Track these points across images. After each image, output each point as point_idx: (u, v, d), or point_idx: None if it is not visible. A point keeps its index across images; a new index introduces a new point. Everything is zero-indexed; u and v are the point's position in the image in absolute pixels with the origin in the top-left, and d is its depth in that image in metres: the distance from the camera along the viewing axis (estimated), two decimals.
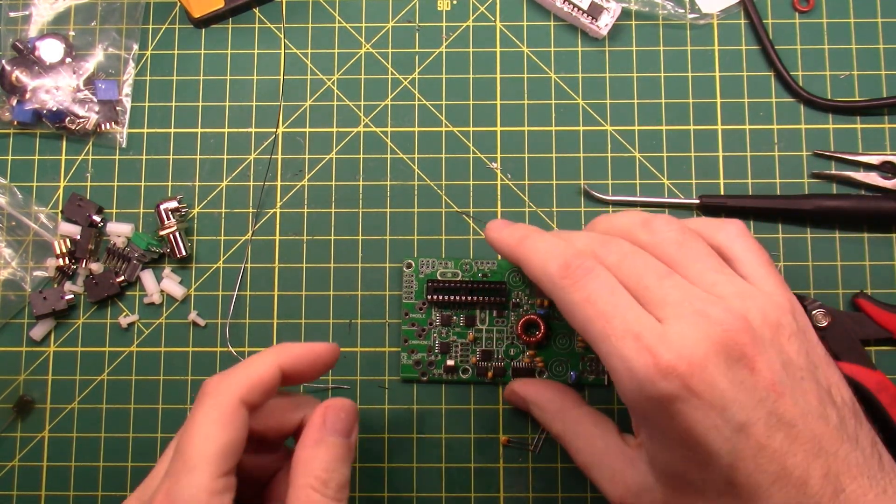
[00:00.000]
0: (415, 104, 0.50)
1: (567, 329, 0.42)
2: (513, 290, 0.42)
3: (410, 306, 0.43)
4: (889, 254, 0.48)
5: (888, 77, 0.49)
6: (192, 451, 0.31)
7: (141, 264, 0.48)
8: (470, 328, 0.42)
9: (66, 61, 0.49)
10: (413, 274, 0.43)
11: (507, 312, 0.42)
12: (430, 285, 0.42)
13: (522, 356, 0.42)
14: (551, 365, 0.42)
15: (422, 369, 0.42)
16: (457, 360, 0.42)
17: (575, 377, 0.42)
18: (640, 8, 0.50)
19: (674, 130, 0.49)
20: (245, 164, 0.49)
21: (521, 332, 0.41)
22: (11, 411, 0.47)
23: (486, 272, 0.43)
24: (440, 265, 0.43)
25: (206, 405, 0.32)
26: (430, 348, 0.42)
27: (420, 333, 0.42)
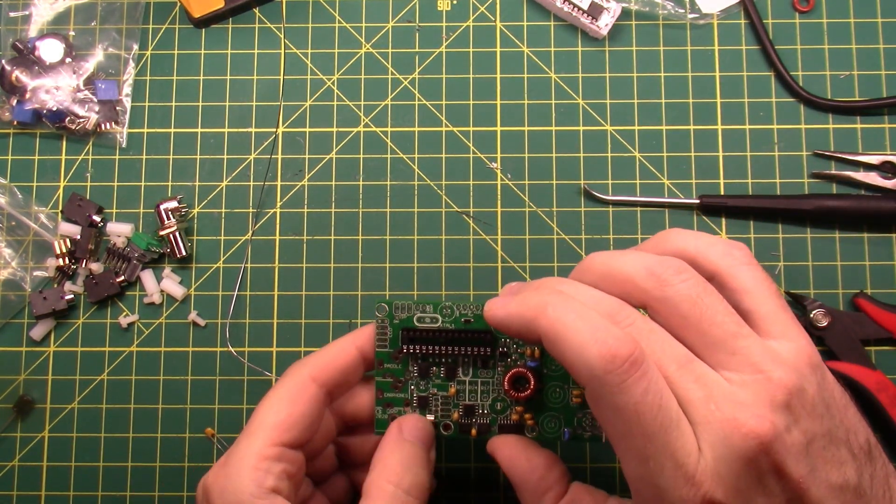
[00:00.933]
0: (415, 104, 0.50)
1: (561, 380, 0.36)
2: (500, 339, 0.36)
3: (385, 356, 0.37)
4: (889, 254, 0.48)
5: (888, 77, 0.49)
6: (254, 421, 0.34)
7: (141, 264, 0.48)
8: (451, 381, 0.37)
9: (66, 61, 0.49)
10: (387, 319, 0.37)
11: (492, 363, 0.37)
12: (405, 334, 0.37)
13: (510, 412, 0.37)
14: (542, 421, 0.36)
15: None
16: (437, 415, 0.37)
17: (569, 435, 0.36)
18: (640, 8, 0.50)
19: (674, 130, 0.49)
20: (245, 164, 0.49)
21: (509, 387, 0.36)
22: (11, 411, 0.47)
23: (469, 317, 0.36)
24: (417, 309, 0.37)
25: (280, 383, 0.36)
26: (407, 402, 0.37)
27: (396, 385, 0.37)
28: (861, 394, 0.45)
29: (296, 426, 0.34)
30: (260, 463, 0.33)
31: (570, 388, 0.36)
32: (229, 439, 0.47)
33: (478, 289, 0.48)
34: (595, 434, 0.36)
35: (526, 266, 0.48)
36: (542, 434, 0.36)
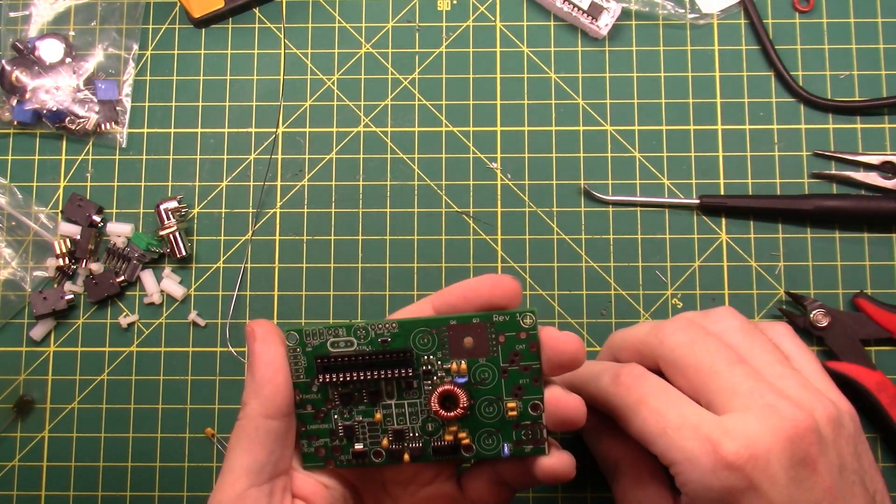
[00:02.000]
0: (415, 104, 0.50)
1: (493, 393, 0.34)
2: (421, 356, 0.33)
3: (303, 386, 0.34)
4: (889, 254, 0.48)
5: (888, 77, 0.49)
6: (226, 462, 0.33)
7: (141, 264, 0.48)
8: (375, 406, 0.34)
9: (66, 61, 0.49)
10: (298, 348, 0.34)
11: (417, 383, 0.34)
12: (319, 363, 0.33)
13: (443, 432, 0.34)
14: (479, 439, 0.34)
15: (327, 457, 0.34)
16: (366, 443, 0.34)
17: (509, 451, 0.34)
18: (640, 8, 0.50)
19: (674, 130, 0.49)
20: (245, 164, 0.49)
21: (438, 407, 0.33)
22: (11, 411, 0.47)
23: (385, 337, 0.33)
24: (330, 334, 0.33)
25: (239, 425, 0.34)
26: (332, 432, 0.34)
27: (318, 416, 0.34)
28: (861, 394, 0.45)
29: (266, 467, 0.32)
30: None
31: (505, 400, 0.33)
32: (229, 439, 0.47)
33: None
34: (538, 447, 0.33)
35: (526, 266, 0.48)
36: (480, 452, 0.34)
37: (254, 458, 0.32)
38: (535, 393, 0.33)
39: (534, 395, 0.33)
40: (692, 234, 0.48)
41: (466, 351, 0.33)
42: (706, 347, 0.33)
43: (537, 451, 0.33)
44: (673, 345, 0.34)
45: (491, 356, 0.33)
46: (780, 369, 0.33)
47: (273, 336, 0.33)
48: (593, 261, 0.48)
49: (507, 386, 0.33)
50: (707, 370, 0.32)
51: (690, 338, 0.34)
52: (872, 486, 0.33)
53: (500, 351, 0.33)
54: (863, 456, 0.33)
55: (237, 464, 0.32)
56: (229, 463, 0.32)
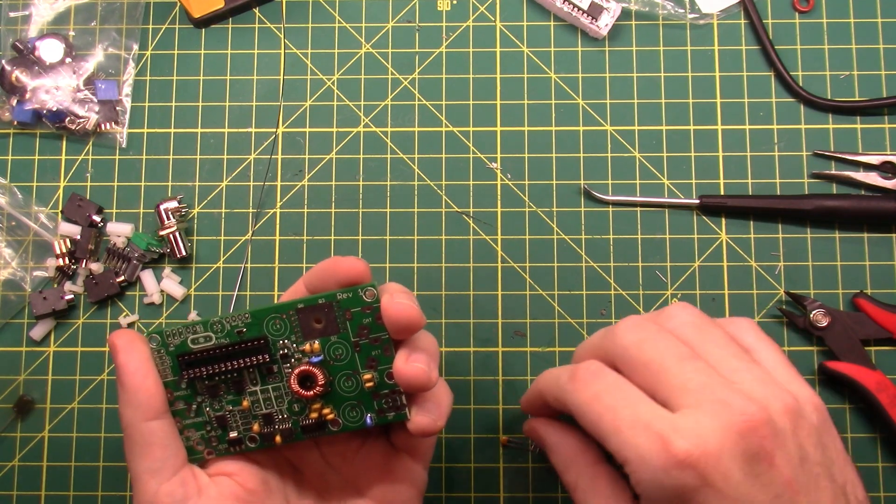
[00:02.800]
0: (415, 104, 0.50)
1: (349, 368, 0.35)
2: (276, 341, 0.35)
3: (172, 385, 0.36)
4: (889, 254, 0.48)
5: (888, 77, 0.49)
6: (130, 470, 0.35)
7: (141, 264, 0.48)
8: (241, 394, 0.36)
9: (66, 61, 0.49)
10: (162, 349, 0.35)
11: (277, 367, 0.35)
12: (182, 360, 0.35)
13: (308, 411, 0.35)
14: (343, 412, 0.35)
15: (206, 448, 0.36)
16: (239, 431, 0.36)
17: (372, 420, 0.35)
18: (640, 8, 0.50)
19: (674, 130, 0.49)
20: (245, 164, 0.49)
21: (298, 387, 0.35)
22: (11, 411, 0.47)
23: (240, 327, 0.35)
24: (189, 332, 0.35)
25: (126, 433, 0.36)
26: (206, 424, 0.36)
27: (190, 411, 0.36)
28: (861, 394, 0.45)
29: (165, 463, 0.34)
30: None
31: (361, 373, 0.35)
32: None
33: (478, 289, 0.48)
34: (399, 413, 0.35)
35: (526, 266, 0.48)
36: (346, 425, 0.35)
37: (150, 460, 0.34)
38: (388, 362, 0.34)
39: (387, 364, 0.35)
40: (692, 234, 0.48)
41: (318, 331, 0.35)
42: (656, 345, 0.33)
43: (399, 416, 0.35)
44: (625, 344, 0.33)
45: (341, 333, 0.35)
46: (736, 363, 0.32)
47: (134, 344, 0.35)
48: (593, 261, 0.48)
49: (361, 359, 0.35)
50: (657, 367, 0.32)
51: (641, 336, 0.33)
52: (841, 477, 0.32)
53: (349, 327, 0.35)
54: (829, 447, 0.32)
55: (138, 470, 0.34)
56: (132, 472, 0.34)
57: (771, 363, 0.34)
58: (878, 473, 0.46)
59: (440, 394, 0.35)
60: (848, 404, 0.46)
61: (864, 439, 0.46)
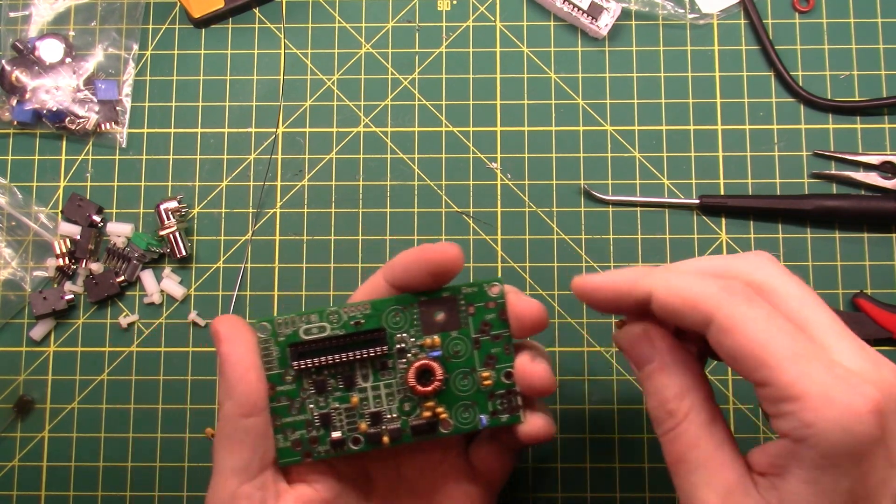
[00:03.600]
0: (415, 104, 0.50)
1: (466, 365, 0.34)
2: (394, 334, 0.34)
3: (276, 378, 0.34)
4: (889, 254, 0.48)
5: (888, 77, 0.49)
6: (215, 463, 0.33)
7: (141, 264, 0.48)
8: (351, 390, 0.34)
9: (66, 61, 0.49)
10: (271, 338, 0.34)
11: (392, 363, 0.34)
12: (293, 350, 0.33)
13: (420, 410, 0.34)
14: (455, 413, 0.34)
15: (304, 449, 0.34)
16: (343, 430, 0.34)
17: (486, 421, 0.34)
18: (640, 8, 0.50)
19: (674, 130, 0.49)
20: (245, 164, 0.49)
21: (415, 382, 0.33)
22: (11, 411, 0.47)
23: (358, 318, 0.34)
24: (302, 322, 0.33)
25: (219, 428, 0.34)
26: (308, 423, 0.34)
27: (294, 408, 0.34)
28: None
29: (252, 463, 0.33)
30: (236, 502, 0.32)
31: (479, 371, 0.34)
32: None
33: None
34: (514, 415, 0.34)
35: (526, 266, 0.48)
36: (458, 426, 0.34)
37: (238, 458, 0.32)
38: (507, 361, 0.33)
39: (506, 363, 0.34)
40: (692, 234, 0.48)
41: (438, 325, 0.34)
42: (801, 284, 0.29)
43: (513, 419, 0.34)
44: (773, 273, 0.29)
45: (462, 328, 0.34)
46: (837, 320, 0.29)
47: (239, 332, 0.33)
48: (593, 261, 0.48)
49: (479, 357, 0.34)
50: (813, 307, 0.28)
51: (784, 270, 0.29)
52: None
53: (471, 322, 0.34)
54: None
55: (224, 465, 0.32)
56: (217, 465, 0.33)
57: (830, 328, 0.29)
58: None
59: (544, 406, 0.34)
60: None
61: None
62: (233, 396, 0.32)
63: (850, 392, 0.25)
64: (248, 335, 0.33)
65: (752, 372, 0.27)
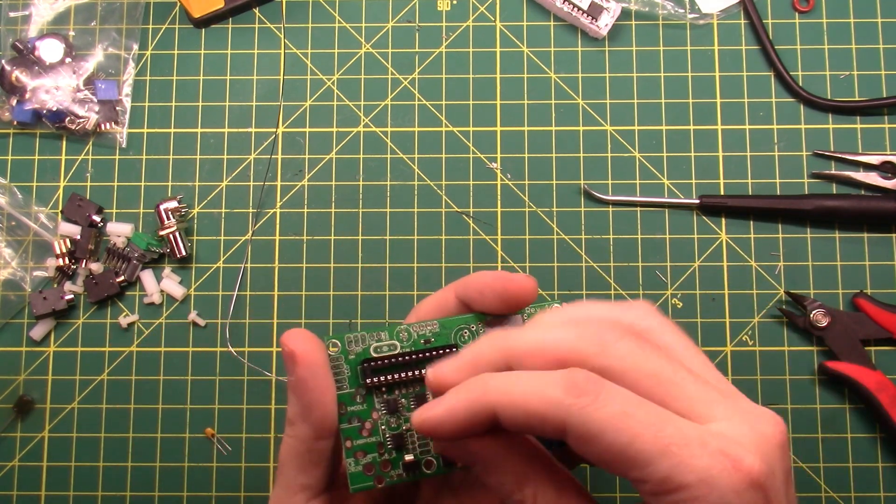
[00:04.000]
0: (415, 104, 0.50)
1: None
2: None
3: (347, 398, 0.32)
4: (889, 254, 0.48)
5: (888, 77, 0.49)
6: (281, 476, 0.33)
7: (141, 264, 0.48)
8: None
9: (66, 61, 0.49)
10: (341, 356, 0.33)
11: None
12: (365, 367, 0.32)
13: None
14: None
15: (376, 474, 0.32)
16: (416, 452, 0.32)
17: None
18: (640, 8, 0.50)
19: (674, 130, 0.49)
20: (245, 164, 0.49)
21: None
22: (11, 411, 0.47)
23: (428, 336, 0.33)
24: (372, 339, 0.33)
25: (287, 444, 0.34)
26: (380, 445, 0.32)
27: (365, 429, 0.32)
28: (861, 394, 0.45)
29: (321, 482, 0.33)
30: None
31: None
32: (229, 439, 0.47)
33: None
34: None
35: (526, 266, 0.48)
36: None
37: (309, 476, 0.32)
38: None
39: None
40: (692, 234, 0.48)
41: None
42: (656, 351, 0.28)
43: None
44: (622, 352, 0.27)
45: None
46: (714, 372, 0.29)
47: (315, 353, 0.32)
48: (593, 261, 0.48)
49: None
50: (668, 377, 0.27)
51: (636, 341, 0.28)
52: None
53: None
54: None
55: (294, 482, 0.32)
56: (286, 480, 0.32)
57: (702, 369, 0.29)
58: (878, 473, 0.46)
59: None
60: (848, 404, 0.46)
61: (864, 439, 0.46)
62: (308, 420, 0.32)
63: (729, 470, 0.25)
64: (322, 355, 0.32)
65: (625, 473, 0.26)
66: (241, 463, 0.46)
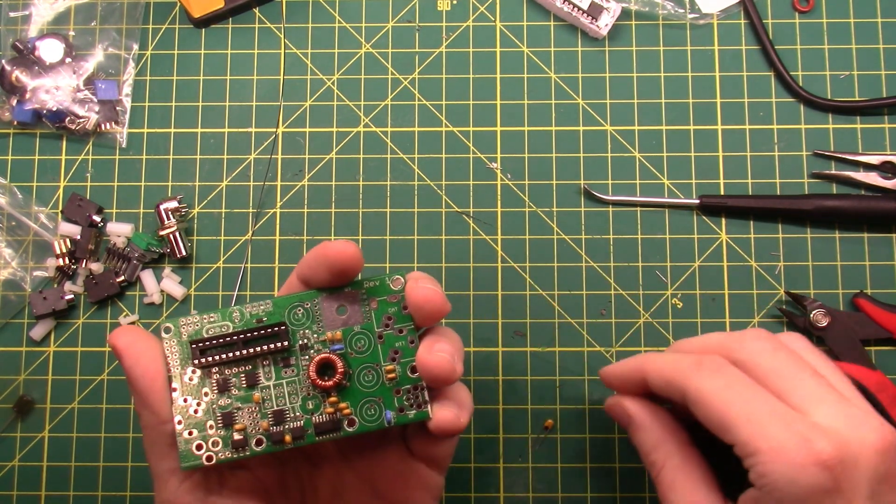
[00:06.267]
0: (415, 104, 0.50)
1: (370, 360, 0.34)
2: (297, 330, 0.34)
3: (179, 378, 0.33)
4: (889, 254, 0.48)
5: (888, 77, 0.49)
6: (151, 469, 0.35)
7: (141, 264, 0.48)
8: (254, 388, 0.33)
9: (66, 61, 0.49)
10: (174, 338, 0.33)
11: (294, 359, 0.33)
12: (195, 347, 0.33)
13: (323, 407, 0.33)
14: (361, 410, 0.33)
15: (206, 452, 0.33)
16: (245, 430, 0.33)
17: (391, 417, 0.33)
18: (640, 8, 0.50)
19: (674, 130, 0.49)
20: (245, 164, 0.49)
21: (316, 375, 0.33)
22: (11, 411, 0.47)
23: (259, 315, 0.33)
24: (205, 320, 0.33)
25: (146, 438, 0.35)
26: (207, 422, 0.33)
27: (196, 408, 0.33)
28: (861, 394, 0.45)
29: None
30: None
31: (383, 365, 0.33)
32: None
33: (478, 289, 0.48)
34: (421, 411, 0.33)
35: (526, 266, 0.48)
36: (363, 424, 0.33)
37: (171, 460, 0.33)
38: (412, 354, 0.33)
39: (411, 357, 0.33)
40: (692, 234, 0.48)
41: (341, 321, 0.34)
42: (789, 356, 0.33)
43: (420, 415, 0.33)
44: (756, 349, 0.34)
45: (365, 323, 0.34)
46: (842, 380, 0.34)
47: (137, 343, 0.33)
48: (593, 261, 0.48)
49: (383, 350, 0.33)
50: (790, 375, 0.32)
51: (771, 345, 0.34)
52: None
53: (374, 316, 0.34)
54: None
55: (160, 469, 0.33)
56: (154, 470, 0.34)
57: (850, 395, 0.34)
58: None
59: (461, 394, 0.34)
60: None
61: None
62: (147, 406, 0.33)
63: (799, 447, 0.29)
64: (149, 343, 0.34)
65: (721, 434, 0.31)
66: None
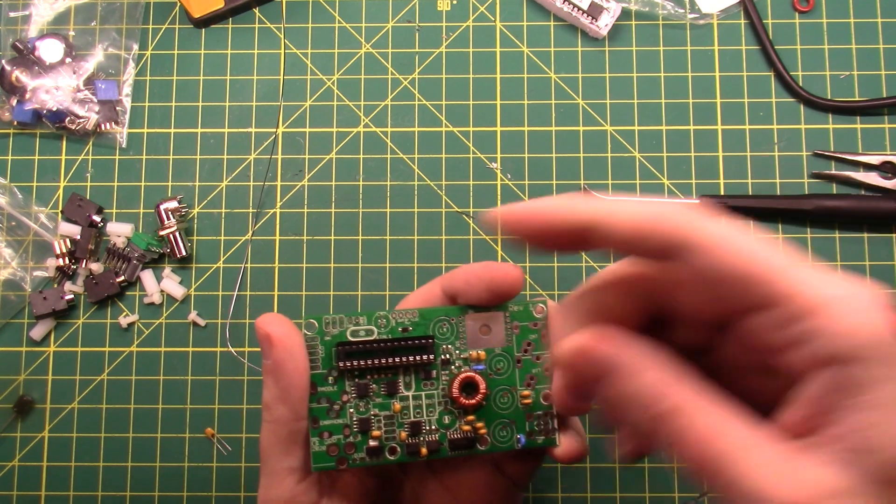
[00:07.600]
0: (415, 104, 0.50)
1: (507, 383, 0.34)
2: (440, 345, 0.34)
3: (318, 378, 0.33)
4: (889, 254, 0.48)
5: (888, 77, 0.49)
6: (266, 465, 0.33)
7: (141, 264, 0.48)
8: (393, 397, 0.33)
9: (66, 61, 0.49)
10: (317, 336, 0.33)
11: (435, 373, 0.33)
12: (339, 349, 0.33)
13: (460, 424, 0.33)
14: (494, 430, 0.33)
15: (339, 455, 0.33)
16: (381, 438, 0.33)
17: (524, 441, 0.33)
18: (640, 8, 0.50)
19: (674, 130, 0.49)
20: (245, 164, 0.49)
21: (458, 393, 0.33)
22: (11, 411, 0.47)
23: (406, 325, 0.33)
24: (350, 322, 0.33)
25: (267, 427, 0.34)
26: (346, 427, 0.33)
27: (333, 411, 0.33)
28: None
29: (306, 463, 0.33)
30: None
31: (519, 390, 0.34)
32: (229, 439, 0.47)
33: None
34: (550, 437, 0.33)
35: (526, 266, 0.48)
36: (495, 445, 0.33)
37: (294, 458, 0.32)
38: (545, 382, 0.34)
39: (544, 384, 0.34)
40: None
41: (483, 341, 0.34)
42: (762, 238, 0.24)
43: (548, 441, 0.34)
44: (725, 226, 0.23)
45: (506, 345, 0.34)
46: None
47: (291, 337, 0.33)
48: (593, 261, 0.48)
49: (521, 375, 0.34)
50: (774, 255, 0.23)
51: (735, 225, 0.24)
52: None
53: (515, 340, 0.34)
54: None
55: (279, 466, 0.32)
56: (271, 465, 0.33)
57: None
58: None
59: (578, 423, 0.34)
60: None
61: None
62: (287, 401, 0.32)
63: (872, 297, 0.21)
64: (299, 337, 0.33)
65: (746, 293, 0.22)
66: (241, 463, 0.46)
